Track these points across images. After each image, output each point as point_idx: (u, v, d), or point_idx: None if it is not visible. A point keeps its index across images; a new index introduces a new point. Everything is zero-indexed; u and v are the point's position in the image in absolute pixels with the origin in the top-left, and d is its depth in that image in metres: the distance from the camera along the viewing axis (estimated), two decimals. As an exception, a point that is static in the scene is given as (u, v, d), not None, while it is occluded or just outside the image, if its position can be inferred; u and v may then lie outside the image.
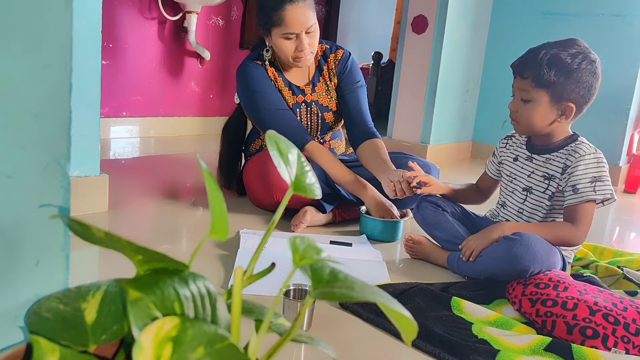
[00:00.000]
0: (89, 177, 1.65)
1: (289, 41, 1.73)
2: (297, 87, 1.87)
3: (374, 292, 0.43)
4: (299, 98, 1.87)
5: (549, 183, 1.38)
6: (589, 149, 1.34)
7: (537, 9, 3.38)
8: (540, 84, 1.33)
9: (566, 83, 1.31)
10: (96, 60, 1.61)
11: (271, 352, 0.45)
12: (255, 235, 1.57)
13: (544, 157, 1.41)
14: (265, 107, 1.79)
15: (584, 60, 1.31)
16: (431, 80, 3.29)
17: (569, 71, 1.30)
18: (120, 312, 0.45)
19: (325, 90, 1.90)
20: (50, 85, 0.53)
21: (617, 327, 1.05)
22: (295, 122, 1.80)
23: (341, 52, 1.91)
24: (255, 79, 1.80)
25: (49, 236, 0.55)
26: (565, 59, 1.30)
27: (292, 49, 1.74)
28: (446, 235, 1.51)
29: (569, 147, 1.37)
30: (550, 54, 1.32)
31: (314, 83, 1.89)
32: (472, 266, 1.36)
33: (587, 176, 1.31)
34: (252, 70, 1.81)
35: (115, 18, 3.04)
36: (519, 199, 1.44)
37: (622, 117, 3.07)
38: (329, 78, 1.90)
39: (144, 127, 3.31)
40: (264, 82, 1.81)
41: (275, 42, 1.76)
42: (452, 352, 1.00)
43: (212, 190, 0.45)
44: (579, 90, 1.31)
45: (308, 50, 1.75)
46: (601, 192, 1.30)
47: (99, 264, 1.36)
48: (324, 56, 1.91)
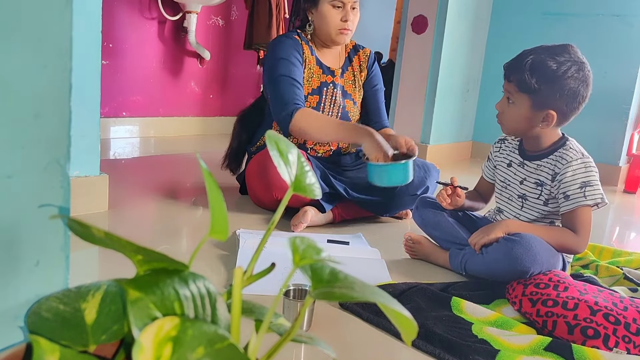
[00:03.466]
0: (89, 177, 1.65)
1: (337, 10, 1.82)
2: (328, 67, 1.93)
3: (374, 292, 0.43)
4: (328, 78, 1.92)
5: (541, 190, 1.38)
6: (576, 154, 1.33)
7: (537, 9, 3.38)
8: (522, 89, 1.33)
9: (548, 91, 1.29)
10: (96, 60, 1.61)
11: (271, 352, 0.45)
12: (253, 235, 1.57)
13: (535, 164, 1.40)
14: (279, 73, 1.80)
15: (571, 69, 1.28)
16: (431, 80, 3.30)
17: (552, 79, 1.28)
18: (120, 312, 0.45)
19: (351, 80, 1.98)
20: (50, 85, 0.53)
21: (618, 327, 1.05)
22: (296, 92, 1.79)
23: (368, 50, 2.04)
24: (285, 48, 1.83)
25: (49, 236, 0.55)
26: (551, 67, 1.28)
27: (338, 18, 1.82)
28: (445, 235, 1.51)
29: (557, 153, 1.36)
30: (535, 60, 1.30)
31: (343, 70, 1.98)
32: (473, 265, 1.36)
33: (576, 182, 1.30)
34: (285, 40, 1.86)
35: (115, 18, 3.04)
36: (516, 206, 1.44)
37: (622, 117, 3.07)
38: (359, 70, 2.00)
39: (144, 127, 3.31)
40: (291, 51, 1.83)
41: (322, 12, 1.83)
42: (452, 352, 1.00)
43: (212, 190, 0.45)
44: (562, 98, 1.30)
45: (351, 25, 1.83)
46: (591, 197, 1.29)
47: (99, 264, 1.36)
48: (355, 49, 2.02)
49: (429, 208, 1.56)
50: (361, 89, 2.01)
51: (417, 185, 1.82)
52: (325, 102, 1.91)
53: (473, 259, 1.37)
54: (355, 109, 1.98)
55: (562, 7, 3.29)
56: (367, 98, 2.02)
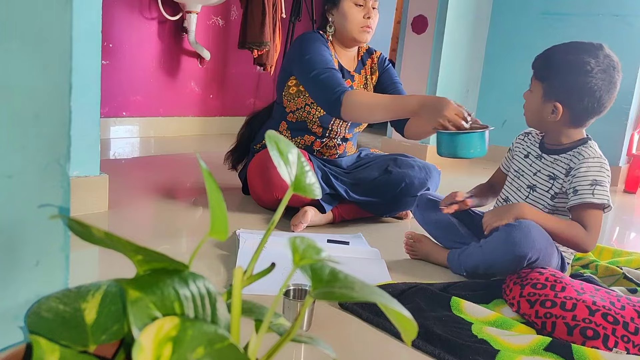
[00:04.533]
0: (89, 177, 1.65)
1: (359, 8, 1.83)
2: (348, 71, 1.94)
3: (374, 292, 0.43)
4: (347, 82, 1.91)
5: (553, 183, 1.38)
6: (595, 153, 1.33)
7: (537, 9, 3.38)
8: (537, 76, 1.36)
9: (559, 81, 1.30)
10: (96, 60, 1.61)
11: (271, 352, 0.45)
12: (253, 235, 1.57)
13: (552, 157, 1.40)
14: (318, 65, 1.76)
15: (592, 68, 1.27)
16: (431, 80, 3.29)
17: (565, 70, 1.29)
18: (120, 312, 0.45)
19: (364, 83, 1.99)
20: (50, 85, 0.53)
21: (617, 326, 1.06)
22: (338, 76, 1.76)
23: (379, 53, 2.05)
24: (316, 44, 1.83)
25: (49, 236, 0.55)
26: (568, 59, 1.29)
27: (361, 15, 1.83)
28: (445, 233, 1.51)
29: (576, 150, 1.35)
30: (557, 50, 1.32)
31: (356, 72, 1.98)
32: (471, 258, 1.36)
33: (587, 179, 1.29)
34: (316, 36, 1.86)
35: (115, 18, 3.04)
36: (522, 196, 1.44)
37: (622, 117, 3.07)
38: (370, 72, 2.01)
39: (144, 127, 3.31)
40: (323, 48, 1.83)
41: (344, 10, 1.83)
42: (452, 353, 1.00)
43: (212, 190, 0.45)
44: (575, 94, 1.30)
45: (372, 23, 1.84)
46: (599, 197, 1.27)
47: (99, 264, 1.36)
48: (368, 52, 2.03)
49: (430, 206, 1.56)
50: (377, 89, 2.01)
51: (417, 187, 1.82)
52: None
53: (470, 252, 1.37)
54: None
55: (562, 7, 3.29)
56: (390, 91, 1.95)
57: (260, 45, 3.29)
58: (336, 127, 1.92)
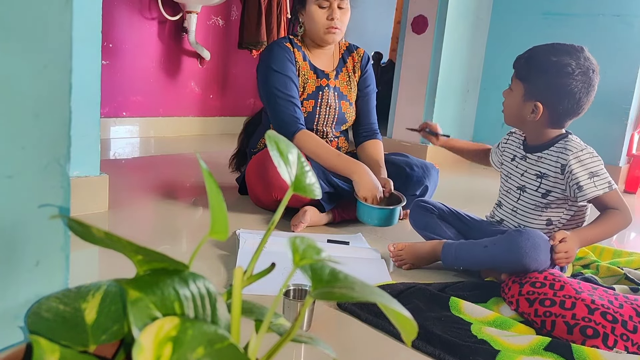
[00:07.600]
0: (89, 177, 1.65)
1: (322, 10, 1.82)
2: (322, 71, 1.93)
3: (374, 292, 0.43)
4: (323, 82, 1.92)
5: (541, 181, 1.39)
6: (580, 145, 1.35)
7: (537, 9, 3.38)
8: (518, 76, 1.38)
9: (540, 82, 1.32)
10: (96, 60, 1.61)
11: (271, 352, 0.45)
12: (253, 235, 1.57)
13: (536, 156, 1.42)
14: (275, 87, 1.81)
15: (573, 70, 1.29)
16: (431, 80, 3.29)
17: (546, 71, 1.31)
18: (120, 312, 0.45)
19: (346, 81, 1.98)
20: (50, 85, 0.53)
21: (616, 325, 1.06)
22: (293, 113, 1.81)
23: (362, 51, 2.04)
24: (279, 58, 1.84)
25: (49, 236, 0.55)
26: (549, 59, 1.30)
27: (325, 17, 1.82)
28: (435, 236, 1.54)
29: (559, 145, 1.38)
30: (538, 50, 1.34)
31: (338, 71, 1.98)
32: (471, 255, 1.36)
33: (585, 172, 1.32)
34: (278, 49, 1.86)
35: (115, 18, 3.04)
36: (514, 198, 1.46)
37: (622, 117, 3.07)
38: (353, 70, 2.00)
39: (144, 127, 3.31)
40: (286, 64, 1.84)
41: (309, 13, 1.83)
42: (452, 353, 1.00)
43: (212, 190, 0.45)
44: (555, 95, 1.31)
45: (339, 23, 1.83)
46: (601, 186, 1.31)
47: (99, 264, 1.36)
48: (348, 49, 2.02)
49: (421, 210, 1.59)
50: (357, 89, 2.01)
51: (415, 185, 1.83)
52: (321, 106, 1.90)
53: (470, 249, 1.36)
54: (351, 109, 1.98)
55: (562, 7, 3.29)
56: (359, 99, 2.01)
57: (256, 45, 3.30)
58: (321, 126, 1.92)
